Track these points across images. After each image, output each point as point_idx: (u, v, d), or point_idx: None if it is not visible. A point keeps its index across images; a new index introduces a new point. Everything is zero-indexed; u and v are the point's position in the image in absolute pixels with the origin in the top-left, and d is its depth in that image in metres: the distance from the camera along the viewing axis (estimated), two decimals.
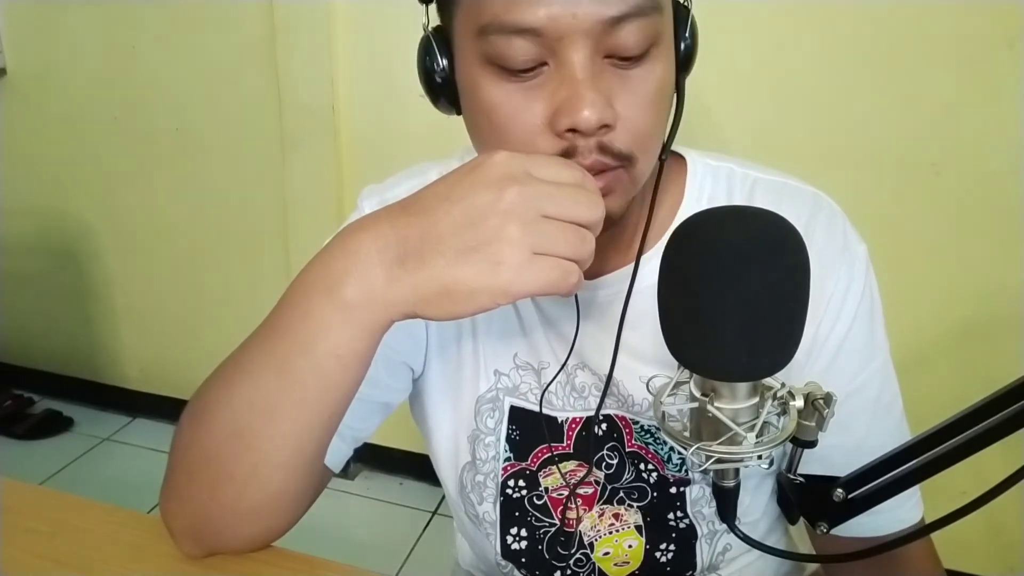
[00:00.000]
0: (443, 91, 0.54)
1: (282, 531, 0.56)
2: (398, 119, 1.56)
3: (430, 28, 0.54)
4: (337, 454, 0.62)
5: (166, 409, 2.09)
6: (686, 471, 0.62)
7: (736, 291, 0.37)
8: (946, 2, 1.18)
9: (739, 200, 0.62)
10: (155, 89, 1.78)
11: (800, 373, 0.58)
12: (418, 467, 1.86)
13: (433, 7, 0.54)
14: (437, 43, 0.53)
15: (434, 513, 1.81)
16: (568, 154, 0.48)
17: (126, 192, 1.92)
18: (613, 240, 0.60)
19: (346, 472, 1.91)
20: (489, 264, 0.43)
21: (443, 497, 1.79)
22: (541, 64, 0.47)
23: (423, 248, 0.44)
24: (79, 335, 2.14)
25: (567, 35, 0.46)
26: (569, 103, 0.46)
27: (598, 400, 0.62)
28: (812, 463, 0.51)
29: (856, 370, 0.59)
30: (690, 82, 0.55)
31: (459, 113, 0.56)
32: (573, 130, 0.47)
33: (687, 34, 0.52)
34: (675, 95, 0.54)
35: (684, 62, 0.53)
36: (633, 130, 0.49)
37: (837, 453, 0.54)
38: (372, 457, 1.91)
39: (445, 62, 0.53)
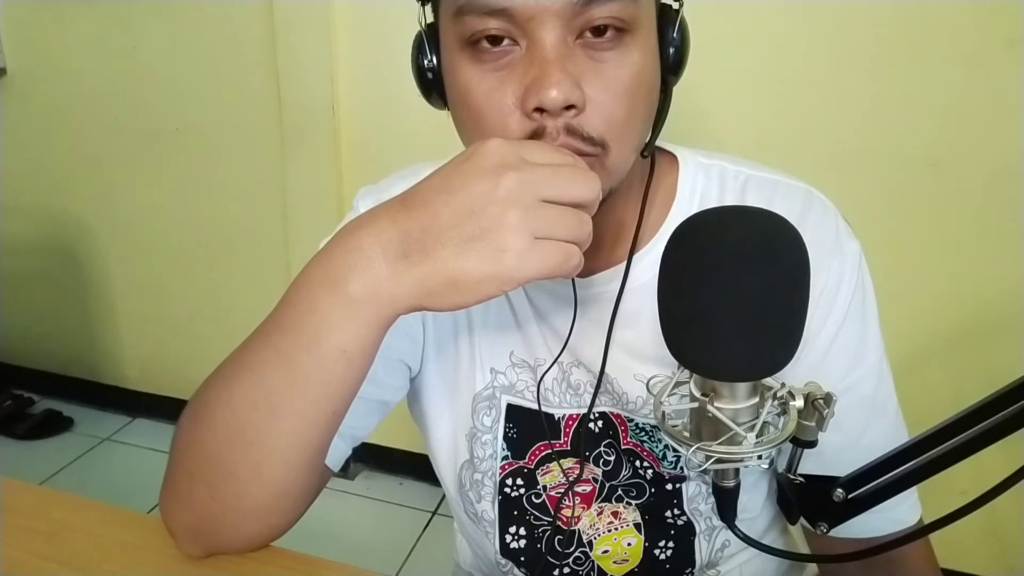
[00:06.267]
0: (433, 85, 0.55)
1: (282, 530, 0.56)
2: (398, 119, 1.56)
3: (424, 25, 0.55)
4: (336, 453, 0.62)
5: (166, 409, 2.09)
6: (681, 468, 0.63)
7: (736, 291, 0.37)
8: (946, 2, 1.18)
9: (731, 197, 0.62)
10: (155, 89, 1.78)
11: (791, 369, 0.58)
12: (418, 467, 1.86)
13: (428, 7, 0.55)
14: (428, 38, 0.54)
15: (434, 513, 1.81)
16: (537, 135, 0.49)
17: (126, 192, 1.92)
18: (601, 238, 0.59)
19: (346, 472, 1.91)
20: (492, 252, 0.43)
21: (443, 497, 1.79)
22: (514, 46, 0.49)
23: (426, 241, 0.44)
24: (79, 335, 2.14)
25: (537, 15, 0.47)
26: (536, 82, 0.47)
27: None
28: (805, 459, 0.51)
29: (848, 368, 0.59)
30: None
31: (448, 108, 0.56)
32: (541, 110, 0.47)
33: (675, 35, 0.53)
34: (661, 94, 0.55)
35: (673, 65, 0.54)
36: (605, 116, 0.49)
37: (830, 450, 0.54)
38: (372, 457, 1.92)
39: (434, 56, 0.54)
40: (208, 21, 1.66)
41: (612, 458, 0.64)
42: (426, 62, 0.55)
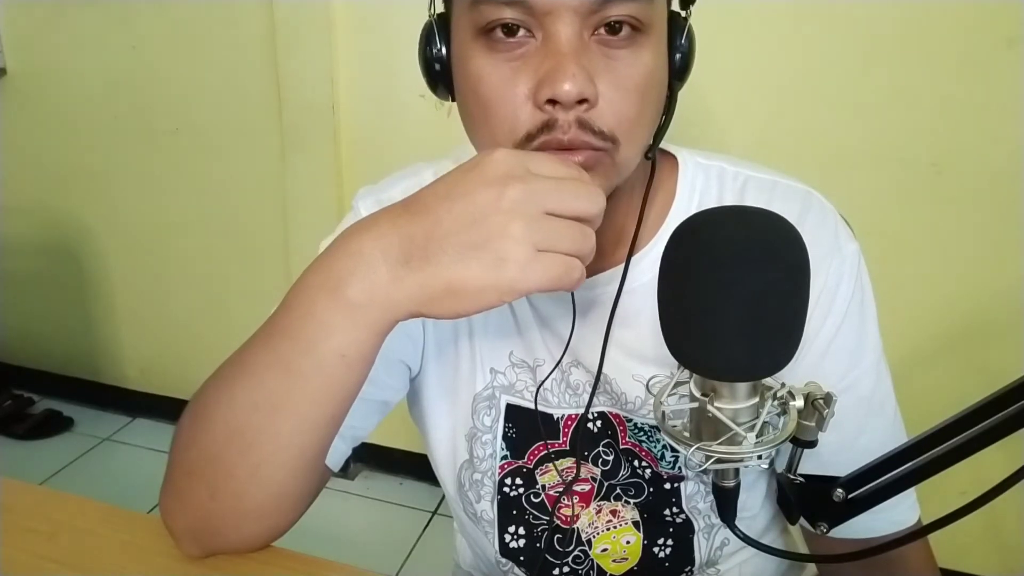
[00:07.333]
0: (440, 76, 0.55)
1: (282, 531, 0.56)
2: (398, 119, 1.56)
3: (434, 15, 0.55)
4: (336, 453, 0.62)
5: (166, 409, 2.09)
6: (679, 468, 0.63)
7: (736, 291, 0.37)
8: (946, 2, 1.18)
9: (730, 198, 0.62)
10: (155, 89, 1.78)
11: (790, 369, 0.58)
12: (418, 467, 1.86)
13: None
14: (438, 27, 0.54)
15: (434, 513, 1.81)
16: (548, 127, 0.49)
17: (126, 192, 1.92)
18: (602, 239, 0.60)
19: (346, 472, 1.91)
20: (494, 261, 0.43)
21: (443, 497, 1.79)
22: (529, 37, 0.49)
23: (427, 247, 0.44)
24: (79, 335, 2.14)
25: (555, 9, 0.47)
26: (551, 75, 0.47)
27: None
28: (803, 459, 0.51)
29: (846, 368, 0.59)
30: (692, 82, 0.55)
31: (455, 99, 0.56)
32: (554, 102, 0.48)
33: (683, 41, 0.53)
34: (667, 98, 0.55)
35: (679, 70, 0.54)
36: (616, 112, 0.49)
37: (827, 450, 0.54)
38: (372, 457, 1.92)
39: (443, 46, 0.54)
40: (208, 21, 1.66)
41: (610, 458, 0.64)
42: (435, 51, 0.55)
